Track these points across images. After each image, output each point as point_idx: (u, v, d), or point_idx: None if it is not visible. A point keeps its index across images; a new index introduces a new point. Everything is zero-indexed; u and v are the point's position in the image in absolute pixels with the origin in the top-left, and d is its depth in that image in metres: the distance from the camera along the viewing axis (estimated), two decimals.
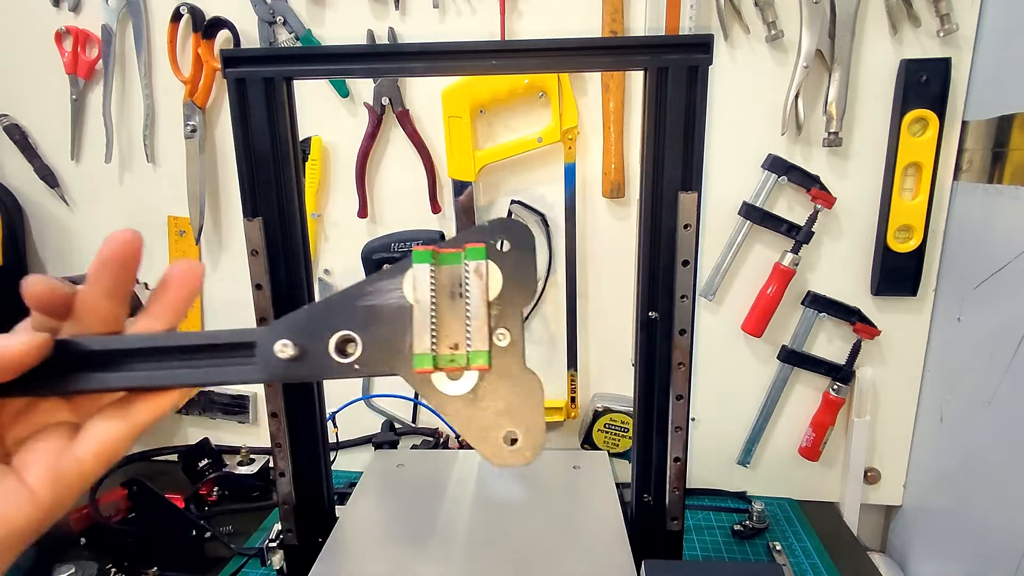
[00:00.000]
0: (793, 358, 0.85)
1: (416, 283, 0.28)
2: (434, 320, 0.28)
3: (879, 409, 0.86)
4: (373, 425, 0.94)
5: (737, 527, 0.82)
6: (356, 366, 0.28)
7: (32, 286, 0.27)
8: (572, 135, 0.82)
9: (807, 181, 0.80)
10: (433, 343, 0.28)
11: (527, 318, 0.89)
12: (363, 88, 0.85)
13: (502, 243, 0.29)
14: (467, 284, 0.28)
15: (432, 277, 0.28)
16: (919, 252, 0.79)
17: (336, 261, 0.92)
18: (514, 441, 0.28)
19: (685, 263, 0.56)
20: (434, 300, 0.28)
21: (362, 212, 0.88)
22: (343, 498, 0.72)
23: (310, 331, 0.28)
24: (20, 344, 0.26)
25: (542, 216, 0.86)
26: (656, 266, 0.57)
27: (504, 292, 0.28)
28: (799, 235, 0.80)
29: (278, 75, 0.56)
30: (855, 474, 0.87)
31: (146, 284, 0.96)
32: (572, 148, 0.83)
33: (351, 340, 0.28)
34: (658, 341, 0.58)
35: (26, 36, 0.89)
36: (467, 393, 0.28)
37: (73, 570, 0.71)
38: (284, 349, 0.28)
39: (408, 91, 0.84)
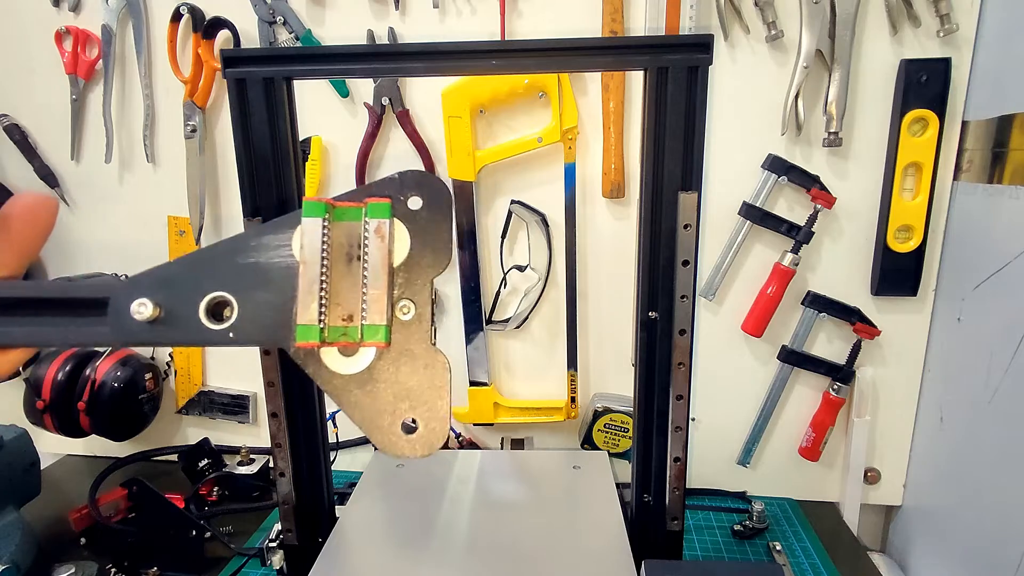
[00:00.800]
0: (793, 358, 0.85)
1: (304, 241, 0.24)
2: (324, 285, 0.24)
3: (879, 409, 0.86)
4: None
5: (737, 527, 0.82)
6: (230, 334, 0.24)
7: None
8: (572, 135, 0.82)
9: (807, 181, 0.80)
10: (323, 313, 0.24)
11: (526, 320, 0.89)
12: (363, 88, 0.85)
13: (413, 200, 0.25)
14: (367, 246, 0.24)
15: (325, 234, 0.24)
16: (919, 252, 0.79)
17: None
18: (412, 430, 0.25)
19: (685, 263, 0.56)
20: (326, 262, 0.24)
21: None
22: (343, 498, 0.72)
23: (178, 289, 0.24)
24: None
25: (542, 216, 0.86)
26: (656, 266, 0.57)
27: (411, 258, 0.24)
28: (799, 235, 0.80)
29: (278, 75, 0.56)
30: (855, 474, 0.87)
31: (125, 276, 0.96)
32: (572, 148, 0.83)
33: (226, 303, 0.24)
34: (658, 341, 0.58)
35: (26, 36, 0.89)
36: (361, 372, 0.24)
37: (73, 570, 0.71)
38: (141, 309, 0.24)
39: (408, 91, 0.84)
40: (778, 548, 0.78)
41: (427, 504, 0.67)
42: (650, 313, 0.58)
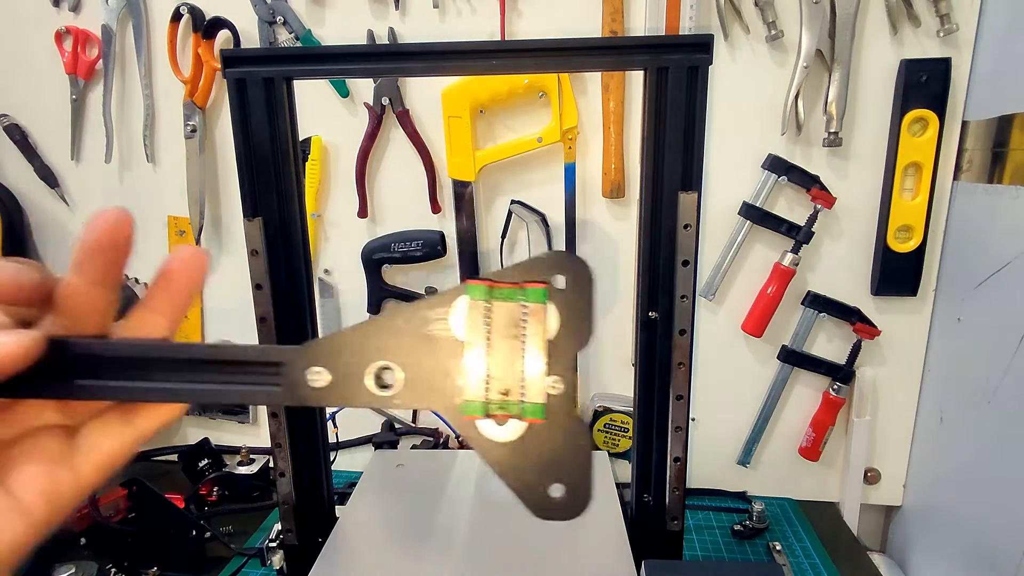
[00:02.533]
0: (793, 358, 0.85)
1: (467, 319, 0.26)
2: (487, 362, 0.26)
3: (879, 409, 0.86)
4: (373, 425, 0.94)
5: (737, 527, 0.82)
6: (395, 400, 0.26)
7: (3, 277, 0.23)
8: (572, 135, 0.82)
9: (807, 181, 0.80)
10: (486, 388, 0.26)
11: None
12: (363, 88, 0.85)
13: (558, 279, 0.26)
14: (525, 327, 0.26)
15: (486, 314, 0.26)
16: (919, 252, 0.79)
17: (336, 261, 0.92)
18: (559, 495, 0.26)
19: (685, 263, 0.56)
20: (488, 340, 0.26)
21: (362, 212, 0.88)
22: (343, 498, 0.72)
23: (346, 357, 0.26)
24: (10, 344, 0.22)
25: (542, 216, 0.86)
26: (656, 266, 0.57)
27: (559, 334, 0.26)
28: (799, 235, 0.80)
29: (278, 75, 0.56)
30: (855, 474, 0.87)
31: (136, 279, 0.96)
32: (572, 148, 0.83)
33: (390, 371, 0.26)
34: (658, 341, 0.58)
35: (26, 36, 0.89)
36: (513, 440, 0.26)
37: (73, 570, 0.71)
38: (316, 377, 0.26)
39: (408, 91, 0.84)
40: (778, 548, 0.78)
41: (427, 504, 0.67)
42: (650, 313, 0.58)
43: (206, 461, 0.92)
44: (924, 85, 0.75)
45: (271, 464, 0.67)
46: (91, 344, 0.25)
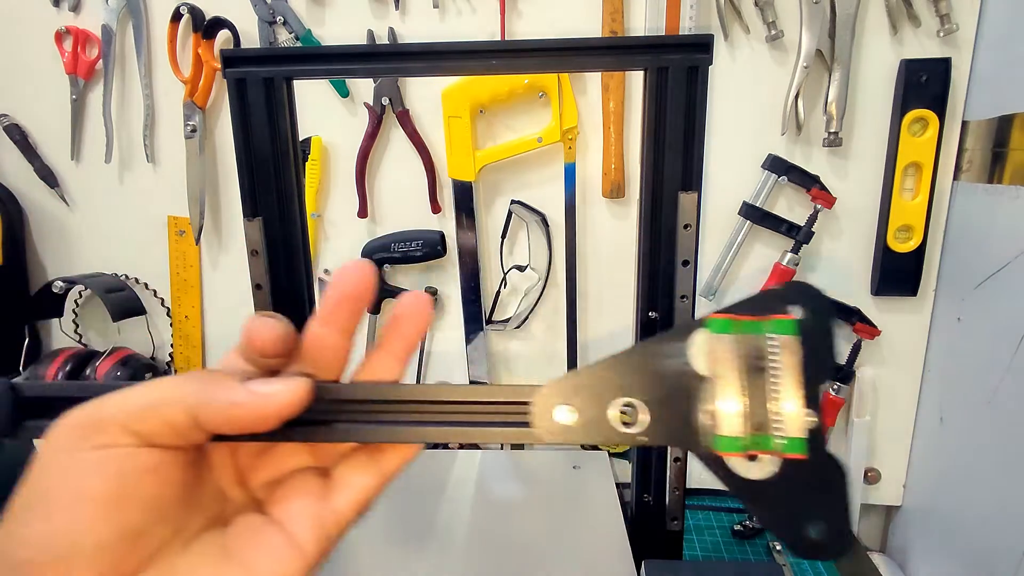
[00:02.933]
0: None
1: (710, 353, 0.26)
2: (738, 398, 0.25)
3: (879, 409, 0.86)
4: None
5: (737, 527, 0.82)
6: (640, 437, 0.26)
7: (266, 333, 0.24)
8: (572, 135, 0.82)
9: (807, 181, 0.80)
10: (739, 423, 0.25)
11: (526, 320, 0.89)
12: (363, 88, 0.85)
13: (795, 309, 0.26)
14: (775, 360, 0.25)
15: (730, 348, 0.26)
16: (919, 252, 0.79)
17: (336, 261, 0.92)
18: (817, 534, 0.26)
19: (685, 263, 0.56)
20: (736, 374, 0.25)
21: (362, 212, 0.88)
22: None
23: (591, 395, 0.26)
24: (286, 392, 0.23)
25: (542, 216, 0.86)
26: (656, 266, 0.57)
27: (804, 367, 0.25)
28: (799, 235, 0.80)
29: (278, 75, 0.56)
30: (855, 474, 0.87)
31: (136, 279, 0.96)
32: (572, 148, 0.83)
33: (635, 408, 0.26)
34: None
35: (26, 36, 0.89)
36: (767, 478, 0.25)
37: None
38: (568, 416, 0.26)
39: (408, 91, 0.84)
40: (778, 548, 0.78)
41: (427, 504, 0.67)
42: (650, 313, 0.58)
43: None
44: (924, 85, 0.75)
45: None
46: (346, 389, 0.26)
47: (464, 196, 0.85)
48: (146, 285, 0.97)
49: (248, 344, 0.25)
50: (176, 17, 0.85)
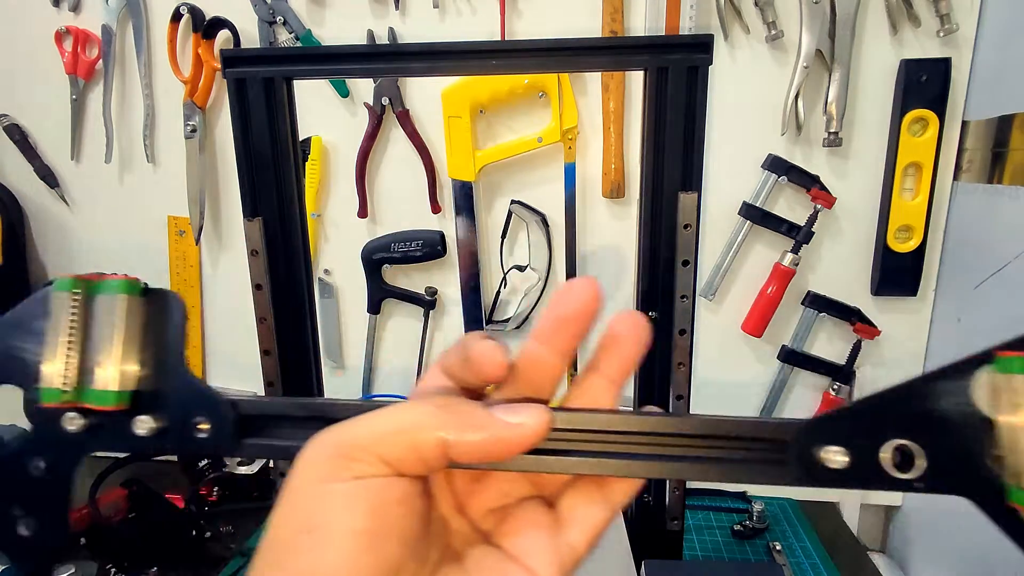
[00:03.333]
0: (793, 358, 0.85)
1: (999, 394, 0.23)
2: None
3: None
4: None
5: (737, 527, 0.82)
6: (917, 484, 0.23)
7: (495, 359, 0.23)
8: (572, 135, 0.82)
9: (807, 181, 0.80)
10: None
11: (527, 320, 0.90)
12: (363, 88, 0.85)
13: None
14: None
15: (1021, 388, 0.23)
16: (919, 252, 0.79)
17: (336, 261, 0.92)
18: None
19: (685, 263, 0.56)
20: None
21: (362, 212, 0.88)
22: None
23: (859, 435, 0.24)
24: (536, 424, 0.22)
25: (542, 216, 0.86)
26: (656, 266, 0.57)
27: None
28: (799, 235, 0.80)
29: (278, 75, 0.56)
30: None
31: (146, 284, 0.96)
32: (572, 148, 0.83)
33: (910, 451, 0.24)
34: (658, 341, 0.58)
35: (26, 36, 0.89)
36: None
37: (73, 570, 0.71)
38: (834, 457, 0.23)
39: (408, 91, 0.84)
40: (778, 548, 0.78)
41: None
42: (650, 313, 0.58)
43: (206, 461, 0.92)
44: (924, 85, 0.75)
45: (271, 464, 0.67)
46: (578, 417, 0.24)
47: (464, 196, 0.85)
48: (146, 285, 0.96)
49: (474, 369, 0.23)
50: (176, 17, 0.85)
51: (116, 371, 0.26)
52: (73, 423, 0.26)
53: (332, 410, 0.25)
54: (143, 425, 0.26)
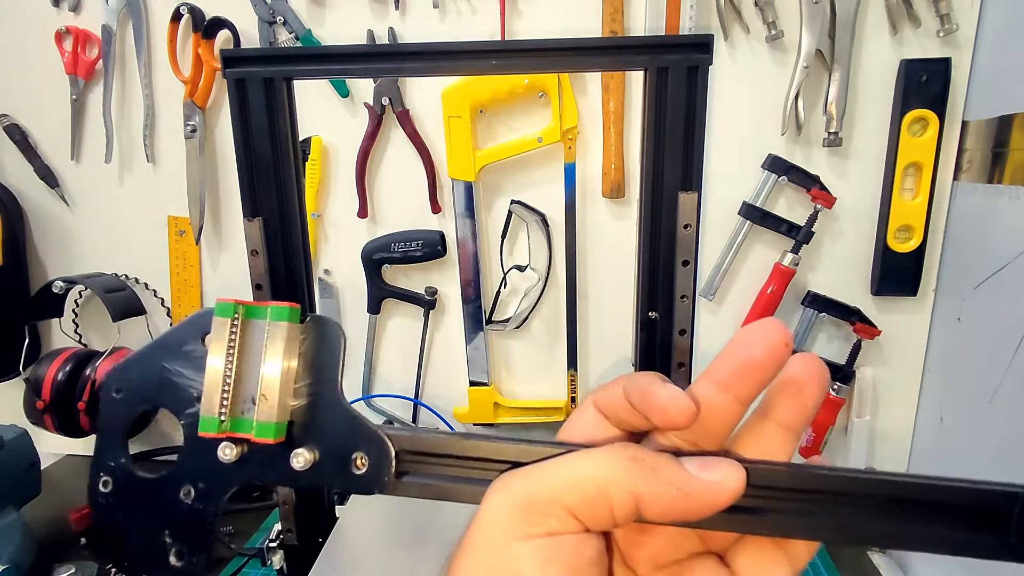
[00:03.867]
0: None
1: None
2: None
3: (879, 409, 0.86)
4: None
5: None
6: None
7: (684, 410, 0.21)
8: (572, 135, 0.82)
9: (807, 181, 0.80)
10: None
11: (526, 320, 0.90)
12: (363, 88, 0.85)
13: None
14: None
15: None
16: (919, 252, 0.79)
17: (336, 261, 0.92)
18: None
19: (685, 263, 0.56)
20: None
21: (362, 212, 0.88)
22: (343, 498, 0.72)
23: None
24: (735, 481, 0.20)
25: (542, 216, 0.86)
26: (656, 266, 0.57)
27: None
28: (799, 235, 0.80)
29: (278, 75, 0.56)
30: None
31: (136, 279, 0.96)
32: (572, 148, 0.83)
33: None
34: (658, 341, 0.58)
35: (26, 36, 0.89)
36: None
37: (73, 570, 0.71)
38: None
39: (408, 91, 0.84)
40: None
41: (427, 504, 0.67)
42: (650, 313, 0.58)
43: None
44: (924, 85, 0.75)
45: None
46: (770, 473, 0.22)
47: (464, 196, 0.85)
48: (146, 285, 0.97)
49: (657, 416, 0.22)
50: (176, 17, 0.85)
51: (276, 403, 0.25)
52: (228, 452, 0.25)
53: (495, 451, 0.24)
54: (300, 458, 0.25)
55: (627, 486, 0.20)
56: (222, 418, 0.25)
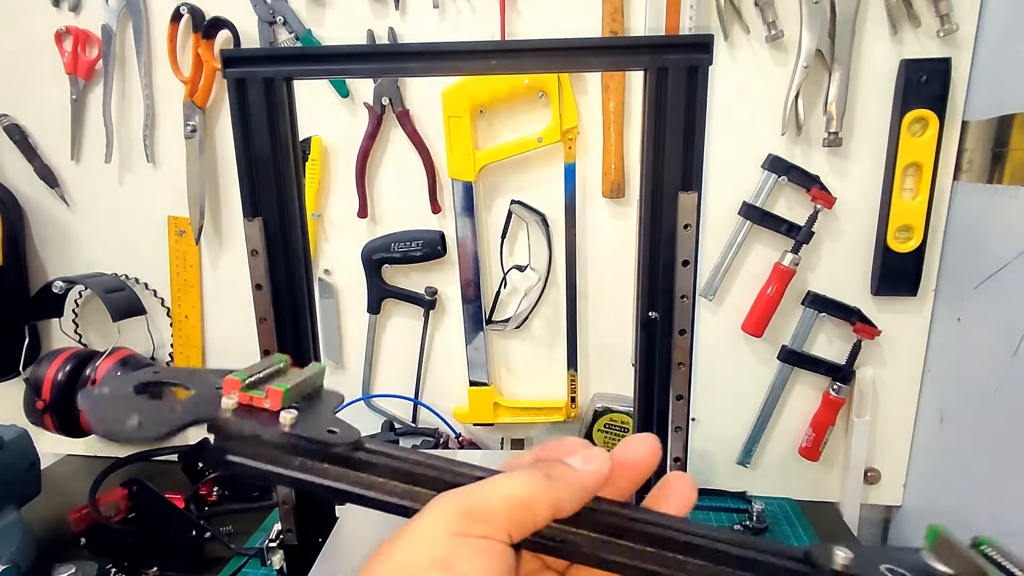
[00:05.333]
0: (793, 358, 0.85)
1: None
2: None
3: (879, 409, 0.86)
4: (373, 425, 0.94)
5: (737, 527, 0.82)
6: None
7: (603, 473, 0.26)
8: (572, 135, 0.82)
9: (807, 181, 0.80)
10: None
11: (526, 320, 0.89)
12: (363, 88, 0.85)
13: None
14: None
15: None
16: (919, 252, 0.79)
17: (336, 261, 0.92)
18: None
19: (685, 263, 0.56)
20: None
21: (362, 212, 0.88)
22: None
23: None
24: (605, 467, 0.26)
25: (542, 216, 0.86)
26: (656, 266, 0.57)
27: None
28: (799, 235, 0.80)
29: (278, 75, 0.56)
30: (855, 474, 0.87)
31: (136, 279, 0.96)
32: (572, 148, 0.83)
33: None
34: (658, 341, 0.58)
35: (26, 36, 0.89)
36: None
37: (73, 570, 0.71)
38: None
39: (408, 91, 0.84)
40: None
41: None
42: (650, 313, 0.58)
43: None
44: (924, 85, 0.75)
45: None
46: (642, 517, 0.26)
47: (464, 196, 0.85)
48: (146, 285, 0.97)
49: (620, 479, 0.27)
50: (176, 17, 0.85)
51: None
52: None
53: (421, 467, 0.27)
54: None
55: (547, 499, 0.24)
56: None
